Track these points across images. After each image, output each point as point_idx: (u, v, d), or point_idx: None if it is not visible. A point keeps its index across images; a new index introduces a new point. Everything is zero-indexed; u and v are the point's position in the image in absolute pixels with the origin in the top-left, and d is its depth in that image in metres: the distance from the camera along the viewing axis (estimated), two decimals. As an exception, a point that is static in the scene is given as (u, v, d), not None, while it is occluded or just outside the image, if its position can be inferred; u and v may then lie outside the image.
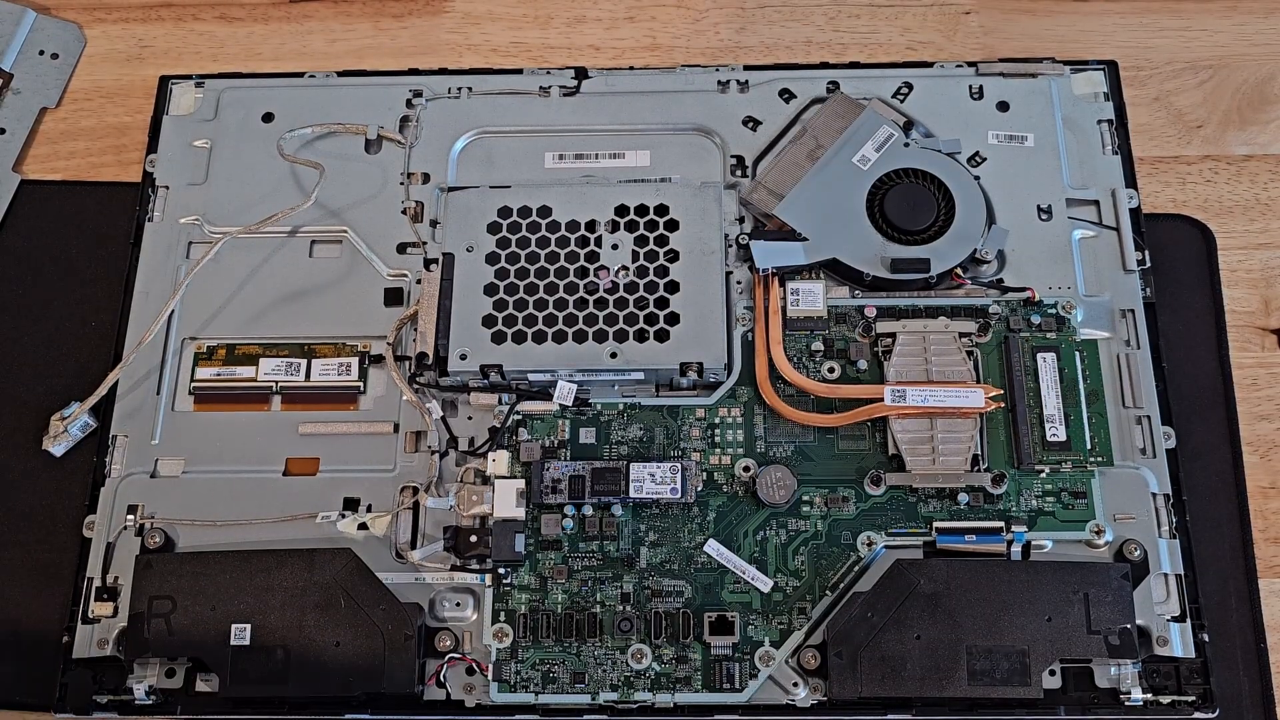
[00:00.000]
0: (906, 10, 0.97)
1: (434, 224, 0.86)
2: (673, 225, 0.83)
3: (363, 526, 0.77)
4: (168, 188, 0.88)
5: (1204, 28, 0.95)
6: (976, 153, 0.86)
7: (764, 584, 0.75)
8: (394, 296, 0.84)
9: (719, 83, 0.90)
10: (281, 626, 0.73)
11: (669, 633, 0.74)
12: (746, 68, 0.91)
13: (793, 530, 0.77)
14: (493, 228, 0.83)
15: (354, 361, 0.82)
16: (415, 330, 0.81)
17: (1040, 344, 0.80)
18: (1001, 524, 0.75)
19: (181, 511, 0.78)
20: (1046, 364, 0.79)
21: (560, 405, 0.79)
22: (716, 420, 0.80)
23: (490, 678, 0.74)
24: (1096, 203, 0.85)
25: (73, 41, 0.98)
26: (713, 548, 0.76)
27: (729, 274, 0.82)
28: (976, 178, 0.85)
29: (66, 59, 0.97)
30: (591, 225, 0.83)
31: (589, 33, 0.97)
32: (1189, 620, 0.74)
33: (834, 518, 0.77)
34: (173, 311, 0.83)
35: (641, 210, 0.83)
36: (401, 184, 0.87)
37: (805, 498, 0.77)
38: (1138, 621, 0.73)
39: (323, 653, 0.72)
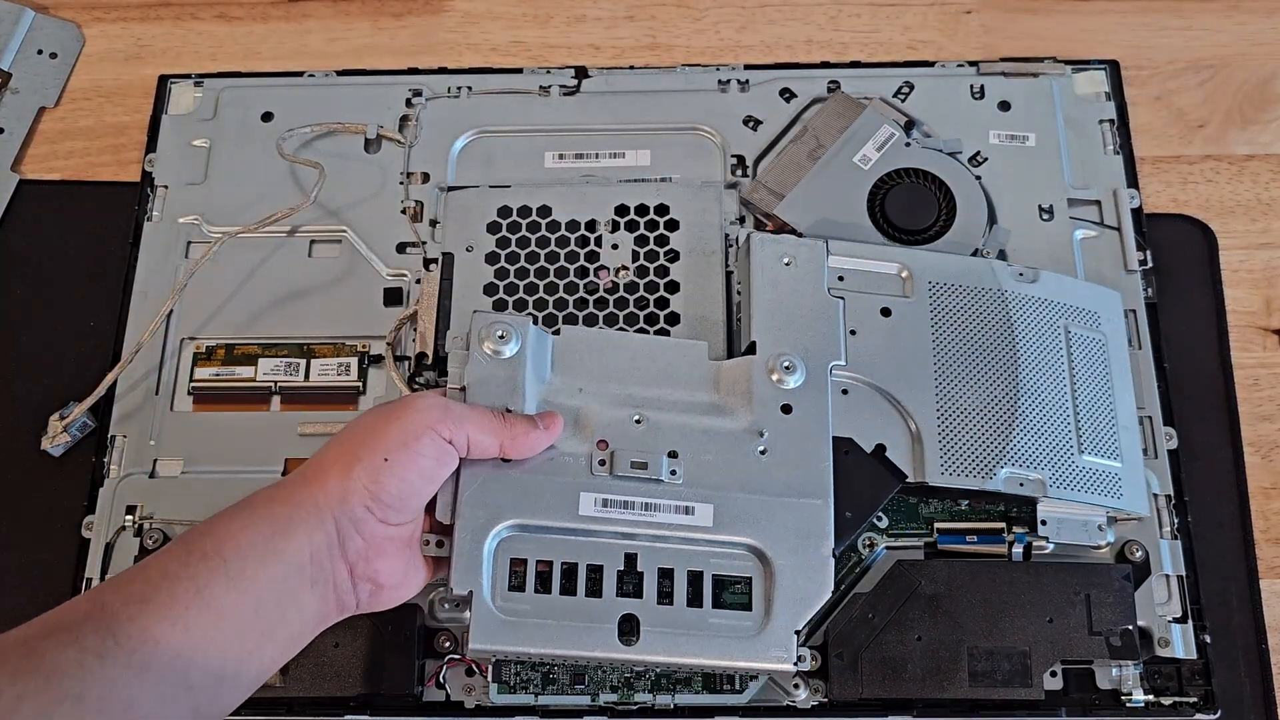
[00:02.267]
0: (907, 9, 0.97)
1: (433, 224, 0.85)
2: (673, 225, 0.83)
3: (362, 527, 0.77)
4: (167, 187, 0.88)
5: (1205, 27, 0.95)
6: (978, 153, 0.86)
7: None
8: (393, 296, 0.84)
9: (719, 82, 0.90)
10: (281, 627, 0.73)
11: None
12: (747, 67, 0.91)
13: (793, 531, 0.77)
14: (492, 227, 0.83)
15: (353, 361, 0.82)
16: (415, 330, 0.81)
17: (1042, 344, 0.80)
18: (1003, 525, 0.75)
19: (181, 512, 0.78)
20: (1048, 364, 0.79)
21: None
22: (717, 420, 0.79)
23: (490, 679, 0.73)
24: (1098, 203, 0.85)
25: (71, 41, 0.97)
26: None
27: (730, 274, 0.82)
28: (978, 177, 0.84)
29: (65, 58, 0.97)
30: (591, 225, 0.83)
31: (589, 32, 0.97)
32: (1190, 621, 0.74)
33: (835, 518, 0.77)
34: (171, 311, 0.83)
35: (642, 210, 0.83)
36: (401, 183, 0.87)
37: (806, 498, 0.77)
38: (1139, 623, 0.73)
39: (322, 653, 0.72)
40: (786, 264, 0.76)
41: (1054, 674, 0.72)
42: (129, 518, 0.78)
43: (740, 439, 0.71)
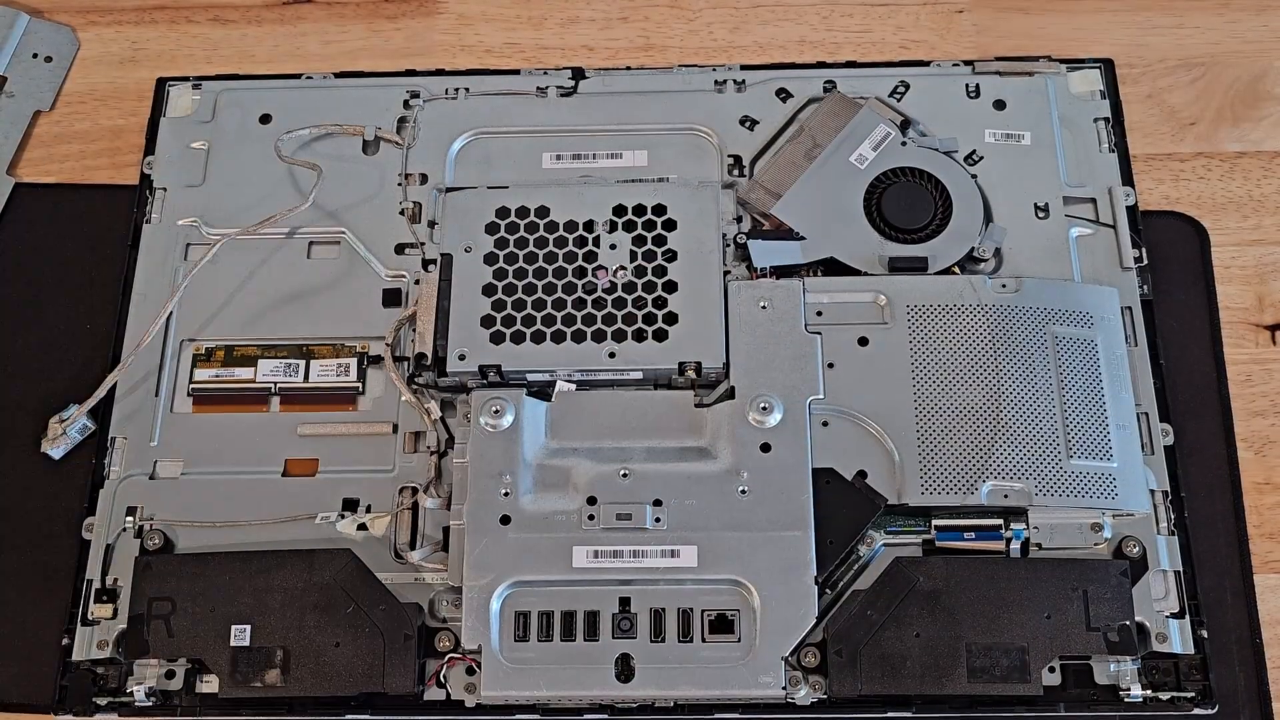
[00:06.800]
0: (900, 9, 0.97)
1: (432, 225, 0.86)
2: (670, 225, 0.83)
3: (362, 527, 0.77)
4: (165, 189, 0.88)
5: (1197, 25, 0.96)
6: (974, 151, 0.87)
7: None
8: (392, 297, 0.84)
9: (716, 82, 0.90)
10: (281, 627, 0.73)
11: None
12: (744, 67, 0.91)
13: (792, 529, 0.77)
14: (491, 228, 0.83)
15: (353, 362, 0.82)
16: (414, 331, 0.81)
17: (1037, 342, 0.80)
18: (1000, 521, 0.75)
19: (181, 513, 0.78)
20: (1044, 362, 0.79)
21: (559, 405, 0.80)
22: (715, 419, 0.80)
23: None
24: (1093, 200, 0.85)
25: (66, 44, 0.97)
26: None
27: (727, 273, 0.82)
28: (974, 176, 0.85)
29: (60, 62, 0.97)
30: (589, 225, 0.83)
31: (583, 33, 0.97)
32: (1188, 617, 0.74)
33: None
34: (171, 313, 0.83)
35: (639, 210, 0.83)
36: (399, 185, 0.87)
37: (804, 496, 0.78)
38: (1137, 618, 0.73)
39: (323, 653, 0.73)
40: (763, 307, 0.79)
41: (1052, 669, 0.73)
42: (129, 519, 0.78)
43: (721, 481, 0.75)
